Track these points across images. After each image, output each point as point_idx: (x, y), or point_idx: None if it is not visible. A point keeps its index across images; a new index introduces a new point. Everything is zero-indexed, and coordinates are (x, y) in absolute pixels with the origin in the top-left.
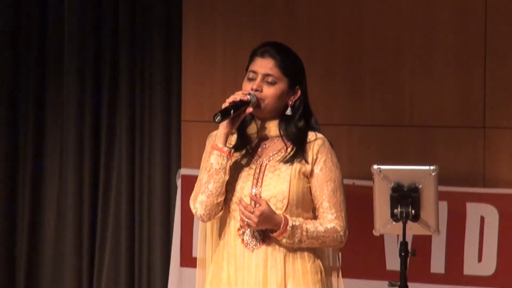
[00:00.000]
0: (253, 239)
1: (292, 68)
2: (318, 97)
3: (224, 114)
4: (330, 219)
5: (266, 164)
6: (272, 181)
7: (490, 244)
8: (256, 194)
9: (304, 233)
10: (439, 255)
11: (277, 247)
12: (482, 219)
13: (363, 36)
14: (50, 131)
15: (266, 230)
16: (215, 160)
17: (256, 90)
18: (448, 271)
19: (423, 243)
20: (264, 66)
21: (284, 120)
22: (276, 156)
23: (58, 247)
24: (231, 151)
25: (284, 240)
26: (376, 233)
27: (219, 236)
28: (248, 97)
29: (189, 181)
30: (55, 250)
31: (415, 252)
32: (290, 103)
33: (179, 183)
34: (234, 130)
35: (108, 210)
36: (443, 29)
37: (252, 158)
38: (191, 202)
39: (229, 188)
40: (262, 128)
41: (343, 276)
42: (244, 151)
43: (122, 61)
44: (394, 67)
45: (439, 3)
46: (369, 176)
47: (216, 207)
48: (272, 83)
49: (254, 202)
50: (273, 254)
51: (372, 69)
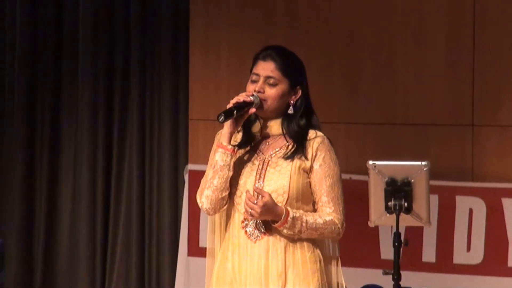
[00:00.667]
0: (255, 231)
1: (292, 70)
2: (317, 97)
3: (227, 114)
4: (328, 212)
5: (269, 161)
6: (274, 176)
7: (478, 234)
8: (259, 188)
9: (303, 224)
10: (430, 245)
11: (278, 238)
12: (471, 211)
13: (359, 39)
14: (65, 129)
15: (268, 222)
16: (220, 157)
17: (259, 92)
18: (438, 260)
19: (415, 233)
20: (265, 68)
21: (286, 118)
22: (278, 152)
23: (72, 239)
24: (235, 149)
25: (285, 231)
26: (371, 224)
27: (225, 228)
28: (251, 98)
29: (196, 176)
30: (70, 242)
31: (407, 242)
32: (292, 102)
33: (186, 177)
34: (238, 129)
35: (120, 203)
36: (433, 33)
37: (256, 155)
38: (198, 197)
39: (233, 182)
40: (265, 126)
41: (342, 265)
42: (249, 148)
43: (133, 64)
44: (388, 69)
45: (430, 8)
46: (365, 171)
47: (220, 201)
48: (274, 85)
49: (258, 194)
50: (274, 245)
51: (367, 71)
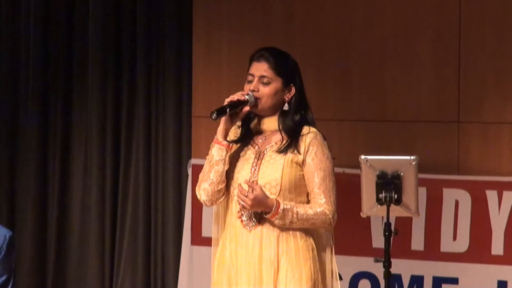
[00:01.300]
0: (250, 221)
1: (284, 69)
2: (312, 95)
3: (220, 112)
4: (320, 204)
5: (264, 154)
6: (267, 169)
7: (464, 224)
8: (252, 181)
9: (294, 215)
10: (418, 234)
11: (271, 227)
12: (457, 202)
13: (351, 42)
14: (76, 126)
15: (261, 212)
16: (216, 152)
17: (253, 91)
18: (426, 248)
19: (405, 223)
20: (259, 69)
21: (282, 115)
22: (273, 147)
23: (83, 227)
24: (230, 144)
25: (276, 221)
26: (363, 215)
27: (224, 218)
28: (246, 97)
29: (198, 170)
30: (80, 230)
31: (397, 231)
32: (286, 99)
33: (190, 171)
34: (234, 125)
35: (127, 196)
36: (421, 35)
37: (252, 149)
38: (197, 189)
39: (231, 175)
40: (263, 122)
41: (336, 253)
42: (247, 143)
43: (140, 64)
44: (378, 69)
45: (418, 12)
46: (357, 165)
47: (217, 193)
48: (267, 83)
49: (249, 187)
50: (267, 234)
51: (359, 71)
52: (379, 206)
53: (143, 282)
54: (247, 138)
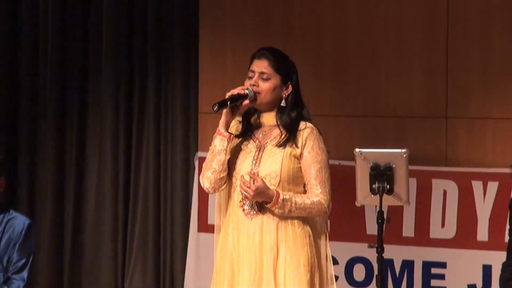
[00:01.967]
0: (251, 210)
1: (283, 67)
2: (310, 92)
3: (221, 104)
4: (316, 194)
5: (264, 148)
6: (268, 161)
7: (451, 213)
8: (254, 172)
9: (293, 205)
10: (409, 222)
11: (271, 216)
12: (445, 192)
13: (346, 43)
14: (91, 123)
15: (262, 202)
16: (218, 143)
17: (253, 85)
18: (417, 235)
19: (396, 212)
20: (260, 65)
21: (280, 111)
22: (272, 141)
23: (98, 216)
24: (231, 135)
25: (276, 210)
26: (358, 204)
27: (226, 206)
28: (246, 91)
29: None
30: (95, 218)
31: (389, 219)
32: (284, 96)
33: (196, 163)
34: (234, 118)
35: (138, 186)
36: (411, 37)
37: (253, 143)
38: (200, 178)
39: (233, 166)
40: (262, 117)
41: (331, 239)
42: (248, 137)
43: (150, 65)
44: (372, 69)
45: (408, 16)
46: (352, 158)
47: (219, 181)
48: (267, 79)
49: (252, 178)
50: (267, 222)
51: (354, 71)
52: (372, 196)
53: (153, 267)
54: (248, 132)
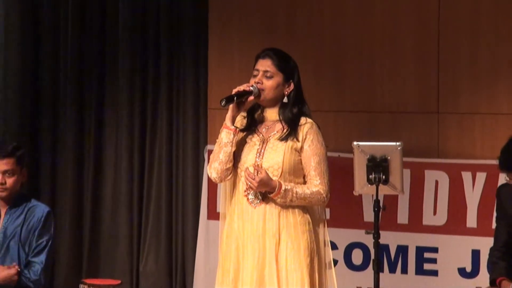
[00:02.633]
0: (255, 199)
1: (285, 66)
2: (311, 90)
3: (228, 100)
4: (315, 184)
5: (267, 141)
6: (271, 154)
7: (443, 201)
8: (258, 164)
9: (294, 194)
10: (403, 210)
11: (273, 205)
12: (436, 182)
13: (345, 44)
14: (108, 120)
15: (265, 192)
16: (225, 136)
17: (258, 83)
18: (410, 222)
19: (392, 200)
20: (264, 64)
21: (282, 107)
22: (275, 135)
23: (114, 207)
24: (237, 129)
25: (278, 200)
26: (356, 193)
27: (232, 195)
28: (251, 88)
29: None
30: (112, 208)
31: (385, 207)
32: (286, 93)
33: (206, 155)
34: (240, 113)
35: (152, 176)
36: (405, 38)
37: (257, 137)
38: (208, 168)
39: (238, 158)
40: (266, 113)
41: (331, 226)
42: (252, 131)
43: (163, 66)
44: (368, 68)
45: (401, 17)
46: (350, 150)
47: (225, 171)
48: (270, 77)
49: (256, 170)
50: (270, 211)
51: (352, 69)
52: (369, 186)
53: (166, 253)
54: (253, 127)
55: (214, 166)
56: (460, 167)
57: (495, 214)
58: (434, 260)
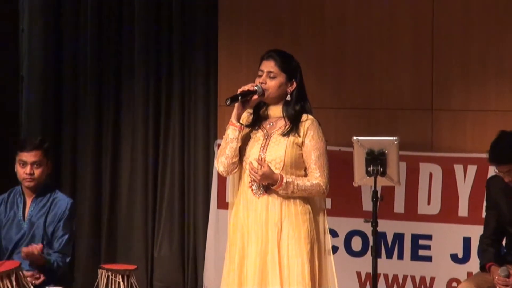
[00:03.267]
0: (259, 190)
1: (288, 67)
2: (313, 88)
3: (233, 99)
4: (315, 177)
5: (271, 137)
6: (273, 148)
7: (436, 192)
8: (261, 158)
9: (295, 186)
10: (400, 200)
11: (275, 196)
12: (430, 174)
13: (345, 45)
14: (125, 113)
15: (268, 184)
16: (231, 132)
17: (262, 83)
18: (406, 211)
19: (389, 191)
20: (267, 65)
21: (285, 104)
22: (278, 131)
23: (130, 196)
24: (242, 125)
25: (280, 191)
26: (355, 184)
27: (238, 186)
28: (255, 88)
29: None
30: (128, 198)
31: (383, 197)
32: (289, 91)
33: (216, 149)
34: (245, 111)
35: (166, 169)
36: (401, 39)
37: (261, 132)
38: (215, 162)
39: (244, 152)
40: (270, 110)
41: (333, 215)
42: (257, 127)
43: (176, 66)
44: (367, 68)
45: (398, 20)
46: (350, 145)
47: (232, 165)
48: (273, 78)
49: (259, 165)
50: (272, 201)
51: (351, 69)
52: (368, 177)
53: (179, 239)
54: (258, 123)
55: (221, 161)
56: (453, 160)
57: (485, 204)
58: (428, 247)
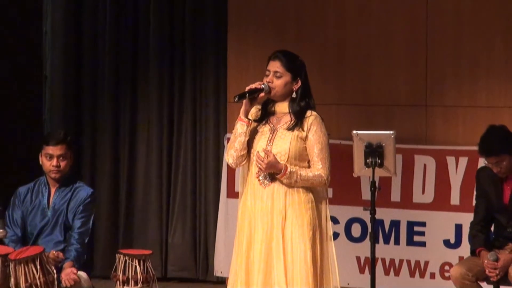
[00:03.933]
0: (265, 180)
1: (293, 66)
2: (316, 86)
3: (241, 96)
4: (318, 169)
5: (277, 131)
6: (279, 142)
7: (430, 182)
8: (268, 150)
9: (298, 176)
10: (396, 189)
11: (280, 185)
12: (425, 165)
13: (346, 47)
14: (140, 109)
15: (273, 174)
16: (239, 127)
17: (269, 82)
18: (402, 200)
19: (386, 181)
20: (274, 65)
21: (291, 101)
22: (284, 125)
23: (146, 186)
24: (250, 121)
25: (284, 180)
26: (355, 175)
27: (246, 177)
28: (262, 86)
29: None
30: (144, 188)
31: (380, 187)
32: (294, 89)
33: (225, 143)
34: (252, 107)
35: (179, 161)
36: (397, 41)
37: (268, 127)
38: (225, 155)
39: (252, 145)
40: (277, 107)
41: (334, 204)
42: (264, 121)
43: (188, 66)
44: (366, 68)
45: (395, 23)
46: (350, 138)
47: (240, 158)
48: (279, 77)
49: (265, 154)
50: (277, 190)
51: (352, 68)
52: (366, 169)
53: (191, 226)
54: (265, 118)
55: (231, 153)
56: (445, 153)
57: (475, 193)
58: (422, 233)
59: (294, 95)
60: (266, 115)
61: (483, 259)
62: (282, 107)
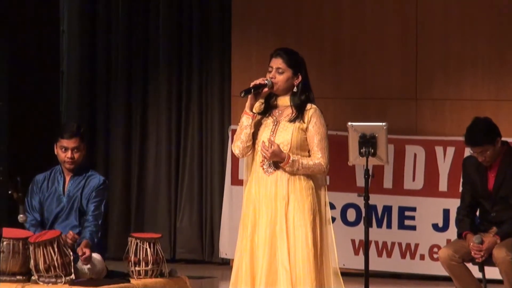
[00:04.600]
0: (269, 168)
1: (294, 63)
2: (314, 81)
3: (247, 91)
4: (317, 158)
5: (279, 123)
6: (282, 133)
7: (420, 170)
8: (272, 140)
9: (300, 164)
10: (388, 177)
11: (283, 173)
12: (415, 155)
13: (342, 44)
14: (150, 103)
15: (276, 162)
16: (245, 120)
17: (272, 78)
18: (394, 186)
19: (379, 169)
20: (276, 62)
21: (292, 95)
22: (286, 118)
23: (156, 176)
24: (255, 114)
25: (287, 168)
26: (350, 163)
27: (251, 166)
28: (266, 81)
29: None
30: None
31: (374, 175)
32: (295, 84)
33: (230, 134)
34: (257, 101)
35: (186, 151)
36: (390, 38)
37: (272, 119)
38: (232, 146)
39: (256, 137)
40: (279, 101)
41: (330, 190)
42: (268, 114)
43: (195, 62)
44: (361, 64)
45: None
46: (346, 129)
47: (246, 149)
48: (281, 73)
49: (270, 144)
50: (281, 178)
51: (347, 64)
52: (360, 158)
53: (197, 212)
54: (268, 111)
55: (237, 145)
56: (434, 143)
57: (461, 180)
58: (413, 218)
59: (295, 89)
60: (269, 108)
61: (469, 241)
62: (284, 101)
